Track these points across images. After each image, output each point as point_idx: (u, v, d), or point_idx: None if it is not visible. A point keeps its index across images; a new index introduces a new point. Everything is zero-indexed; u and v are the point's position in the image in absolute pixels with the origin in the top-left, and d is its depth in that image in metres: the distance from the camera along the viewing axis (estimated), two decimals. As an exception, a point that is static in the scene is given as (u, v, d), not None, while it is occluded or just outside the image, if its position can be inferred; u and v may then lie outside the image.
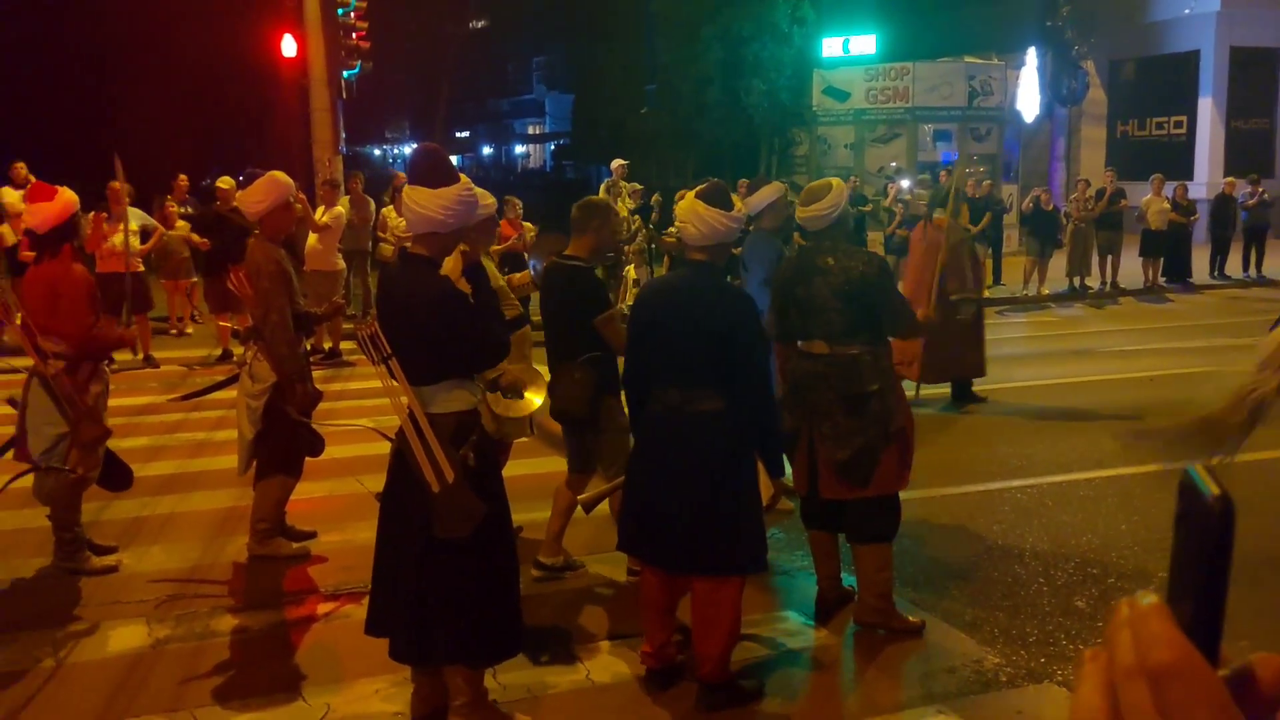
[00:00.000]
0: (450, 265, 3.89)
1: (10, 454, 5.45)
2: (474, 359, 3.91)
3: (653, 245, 13.09)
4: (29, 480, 5.58)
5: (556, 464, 5.35)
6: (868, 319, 4.73)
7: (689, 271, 4.29)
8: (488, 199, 5.06)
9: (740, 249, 6.73)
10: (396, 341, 3.73)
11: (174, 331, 13.31)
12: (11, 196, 12.07)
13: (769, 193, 6.25)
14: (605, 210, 5.32)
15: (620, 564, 5.62)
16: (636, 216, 13.47)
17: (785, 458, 4.72)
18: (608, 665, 4.53)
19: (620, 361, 4.63)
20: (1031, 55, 24.20)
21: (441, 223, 3.79)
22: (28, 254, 11.12)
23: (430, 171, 3.84)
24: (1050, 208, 16.78)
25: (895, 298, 4.93)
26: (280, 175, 5.67)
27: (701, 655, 4.19)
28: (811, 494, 4.86)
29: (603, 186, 15.51)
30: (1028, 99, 24.16)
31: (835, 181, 5.09)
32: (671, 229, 13.50)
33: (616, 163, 15.30)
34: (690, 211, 4.17)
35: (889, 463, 4.74)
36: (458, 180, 3.83)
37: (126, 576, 5.50)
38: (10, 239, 11.66)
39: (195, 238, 12.12)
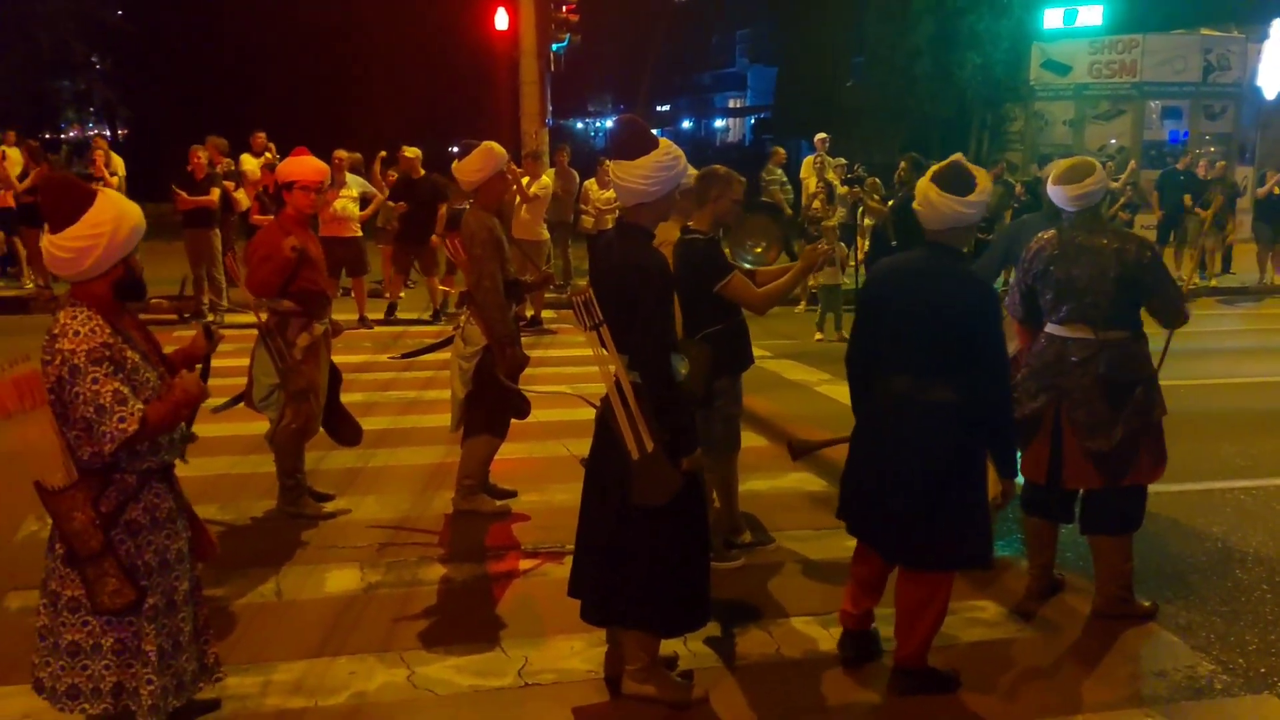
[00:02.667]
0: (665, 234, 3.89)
1: (243, 403, 5.86)
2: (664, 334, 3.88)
3: (862, 217, 12.79)
4: (261, 428, 6.00)
5: (752, 438, 5.35)
6: (1135, 304, 4.56)
7: (925, 253, 4.07)
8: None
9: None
10: (606, 309, 3.78)
11: (388, 294, 13.96)
12: (250, 164, 12.93)
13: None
14: (725, 181, 5.15)
15: (809, 541, 5.58)
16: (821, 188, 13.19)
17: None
18: (799, 641, 4.51)
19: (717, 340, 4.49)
20: (1277, 27, 22.32)
21: (645, 192, 3.81)
22: (259, 217, 11.98)
23: (627, 143, 3.84)
24: (1287, 193, 15.51)
25: (1170, 285, 4.66)
26: (495, 146, 5.84)
27: (903, 640, 4.10)
28: (1052, 483, 4.68)
29: (807, 161, 15.32)
30: (1269, 74, 22.31)
31: (1091, 161, 4.82)
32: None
33: (820, 137, 15.07)
34: (923, 194, 4.00)
35: (1146, 454, 4.59)
36: (656, 147, 3.83)
37: (342, 523, 5.83)
38: (244, 204, 12.50)
39: (392, 203, 12.73)
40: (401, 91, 27.00)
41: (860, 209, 12.14)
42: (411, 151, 12.41)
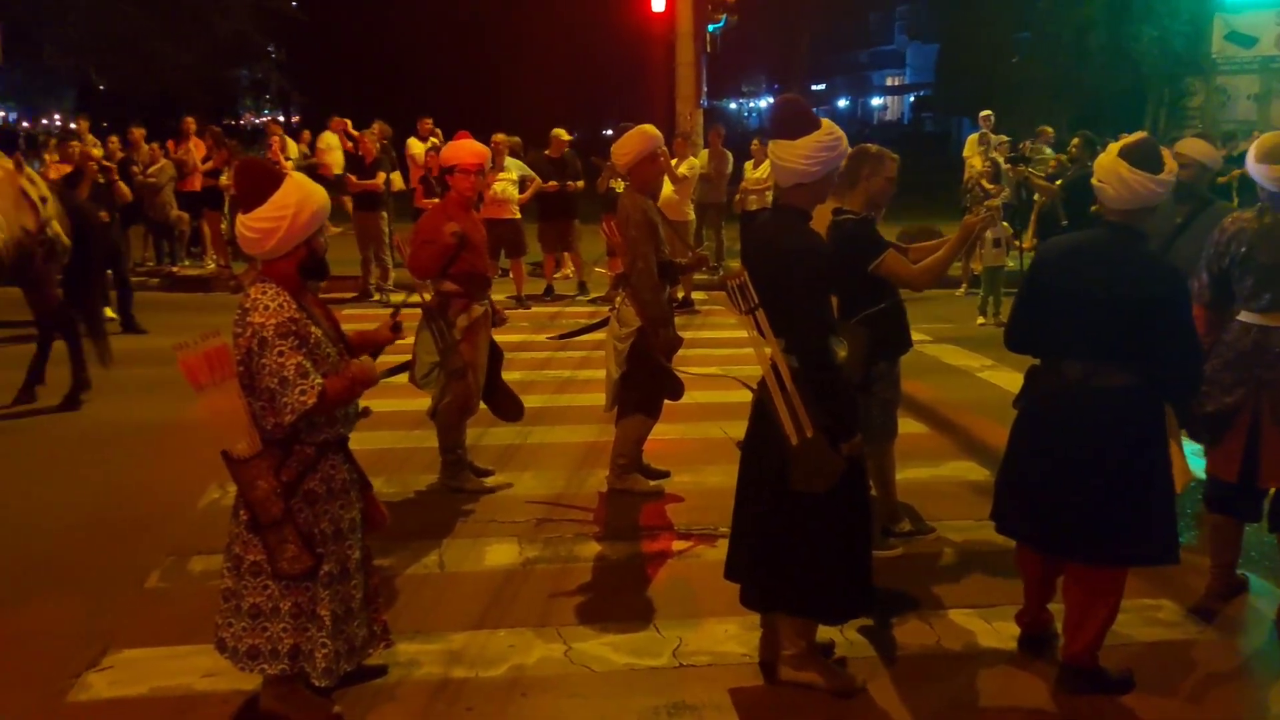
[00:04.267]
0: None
1: (405, 376, 6.05)
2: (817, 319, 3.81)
3: (1029, 196, 12.33)
4: (424, 405, 6.18)
5: (912, 425, 5.22)
6: None
7: (1105, 234, 3.88)
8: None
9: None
10: (762, 292, 3.74)
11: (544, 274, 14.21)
12: (417, 148, 13.33)
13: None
14: (877, 159, 4.97)
15: (970, 531, 5.42)
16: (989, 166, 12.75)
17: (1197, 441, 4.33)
18: (959, 633, 4.39)
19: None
20: None
21: (804, 172, 3.75)
22: (425, 201, 12.34)
23: (788, 123, 3.79)
24: None
25: None
26: (649, 129, 5.86)
27: (1071, 637, 3.95)
28: (1245, 480, 4.42)
29: (970, 139, 14.85)
30: None
31: None
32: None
33: (984, 114, 14.58)
34: (1111, 171, 3.80)
35: None
36: (817, 127, 3.76)
37: (501, 498, 5.96)
38: (397, 185, 12.98)
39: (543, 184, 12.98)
40: (558, 75, 27.38)
41: (1027, 188, 11.71)
42: (559, 133, 12.81)
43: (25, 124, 36.95)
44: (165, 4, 21.92)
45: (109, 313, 10.78)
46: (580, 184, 12.60)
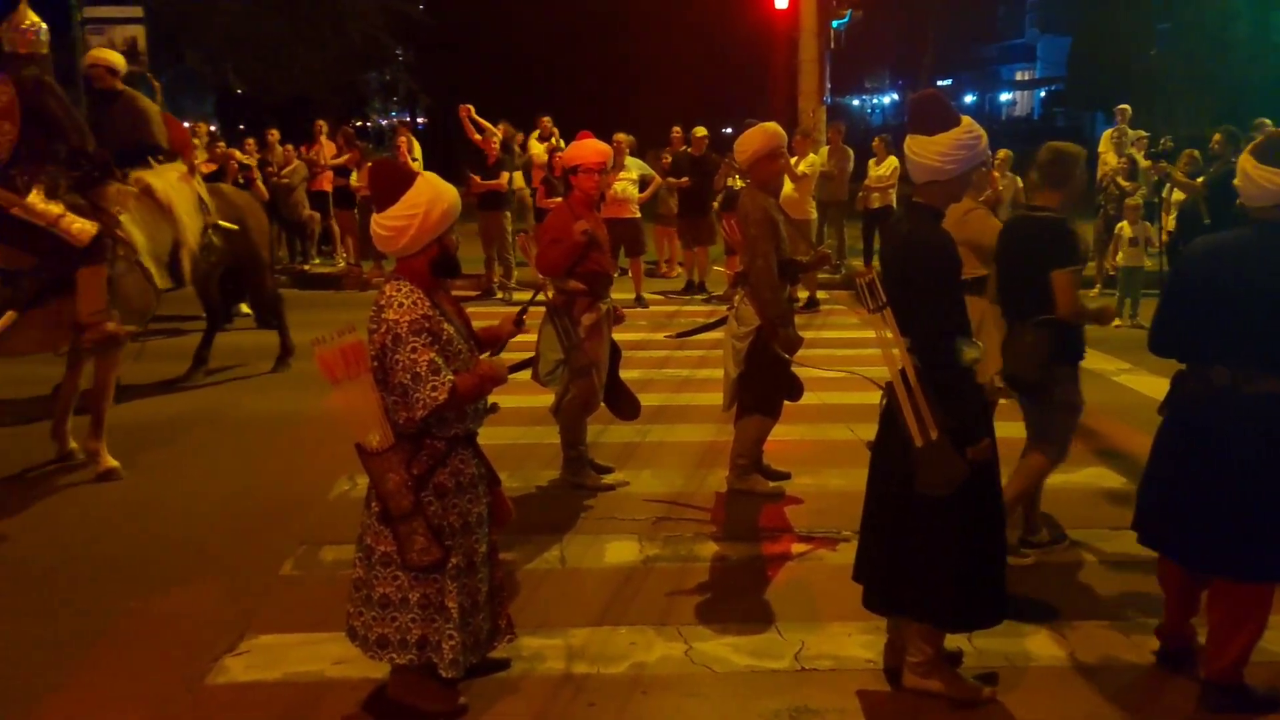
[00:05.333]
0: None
1: (529, 372, 6.11)
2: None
3: (1169, 194, 11.83)
4: (546, 401, 6.25)
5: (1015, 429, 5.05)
6: None
7: (1251, 233, 3.70)
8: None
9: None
10: (889, 290, 3.67)
11: (661, 272, 14.24)
12: (537, 148, 13.50)
13: None
14: (1081, 160, 4.85)
15: (1106, 540, 5.23)
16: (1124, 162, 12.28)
17: None
18: (1095, 645, 4.23)
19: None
20: None
21: (940, 170, 3.67)
22: (546, 201, 12.49)
23: (927, 118, 3.72)
24: None
25: None
26: (772, 126, 5.80)
27: (1215, 653, 3.77)
28: None
29: (1105, 135, 14.33)
30: None
31: None
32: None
33: (1121, 108, 14.06)
34: (1240, 168, 3.67)
35: None
36: (958, 124, 3.68)
37: (621, 495, 5.99)
38: (519, 184, 13.17)
39: (673, 180, 13.01)
40: (678, 74, 27.40)
41: (1166, 186, 11.24)
42: (700, 131, 12.93)
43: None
44: (303, 10, 22.69)
45: (244, 308, 11.22)
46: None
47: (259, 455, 6.79)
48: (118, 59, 7.65)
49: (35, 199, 5.94)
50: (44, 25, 6.31)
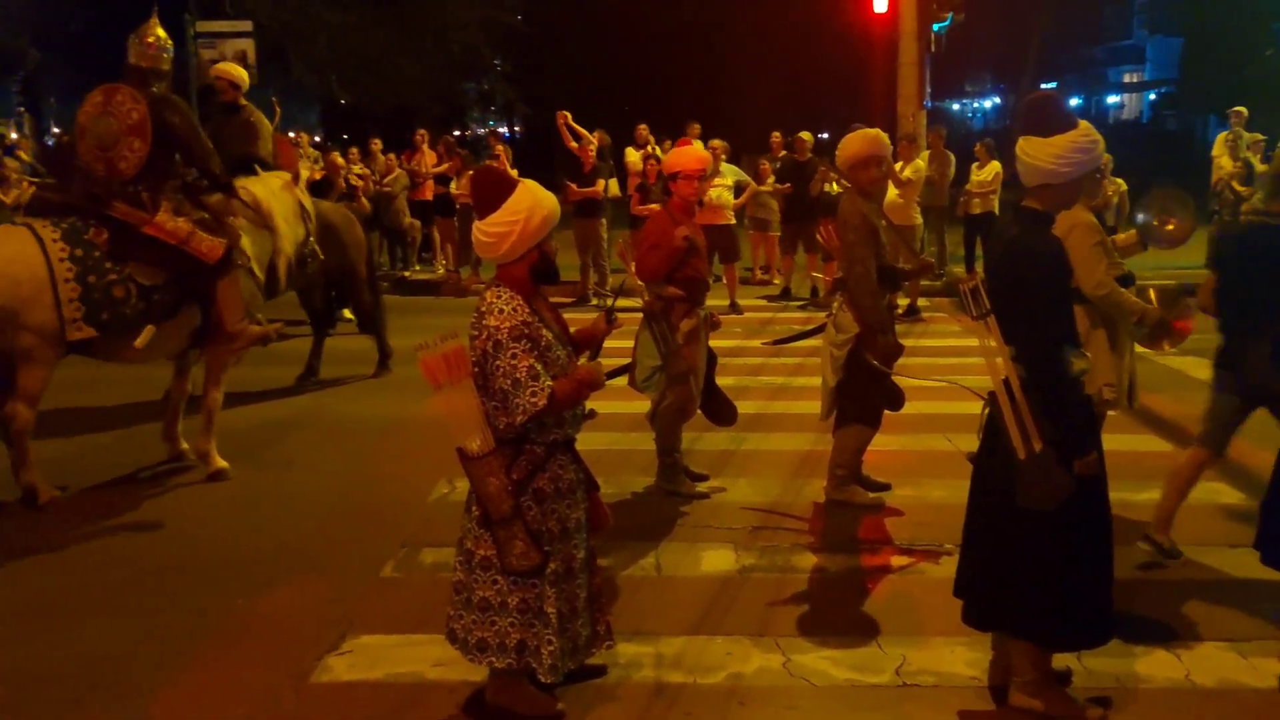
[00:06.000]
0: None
1: (625, 378, 6.11)
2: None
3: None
4: (641, 407, 6.25)
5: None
6: None
7: None
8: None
9: None
10: (995, 298, 3.57)
11: (755, 279, 14.14)
12: (632, 156, 13.53)
13: None
14: None
15: (1222, 557, 5.01)
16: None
17: None
18: (1212, 668, 4.06)
19: None
20: None
21: (1053, 173, 3.57)
22: (641, 208, 12.52)
23: (1042, 119, 3.62)
24: None
25: None
26: (874, 132, 5.72)
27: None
28: None
29: (1220, 138, 13.83)
30: None
31: None
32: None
33: (1236, 110, 13.55)
34: None
35: None
36: (1074, 127, 3.57)
37: (716, 503, 5.95)
38: (614, 191, 13.22)
39: (778, 185, 12.94)
40: (774, 79, 27.28)
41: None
42: (806, 136, 12.87)
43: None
44: (406, 22, 23.18)
45: (346, 314, 11.47)
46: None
47: (360, 458, 6.92)
48: (242, 74, 7.85)
49: (164, 217, 6.09)
50: (170, 42, 6.41)
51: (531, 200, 3.50)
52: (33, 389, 5.93)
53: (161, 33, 6.36)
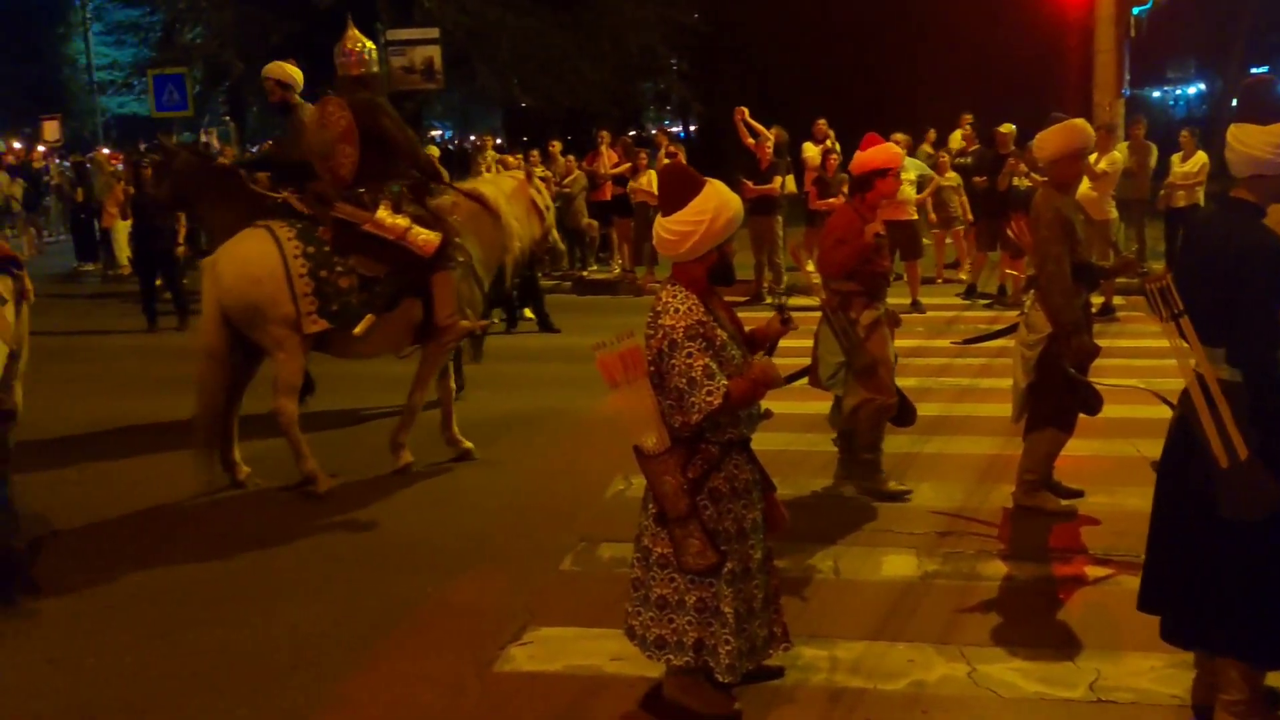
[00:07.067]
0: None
1: (806, 379, 6.03)
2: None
3: None
4: (816, 407, 6.16)
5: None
6: None
7: None
8: None
9: None
10: (1193, 296, 3.36)
11: (940, 280, 13.75)
12: (811, 151, 13.38)
13: None
14: None
15: None
16: None
17: None
18: None
19: None
20: None
21: (1268, 163, 3.35)
22: (819, 203, 12.37)
23: (1260, 105, 3.42)
24: None
25: None
26: (1079, 124, 5.48)
27: None
28: None
29: None
30: None
31: None
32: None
33: None
34: None
35: None
36: None
37: (897, 508, 5.80)
38: (790, 188, 13.07)
39: (976, 179, 12.46)
40: (958, 69, 26.44)
41: None
42: (1006, 128, 12.29)
43: (456, 140, 41.52)
44: (585, 25, 23.60)
45: (526, 313, 11.76)
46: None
47: (540, 452, 7.08)
48: (294, 73, 7.92)
49: (384, 214, 6.38)
50: (372, 45, 6.67)
51: (719, 200, 3.49)
52: (290, 379, 6.35)
53: (362, 39, 6.63)
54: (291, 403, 6.34)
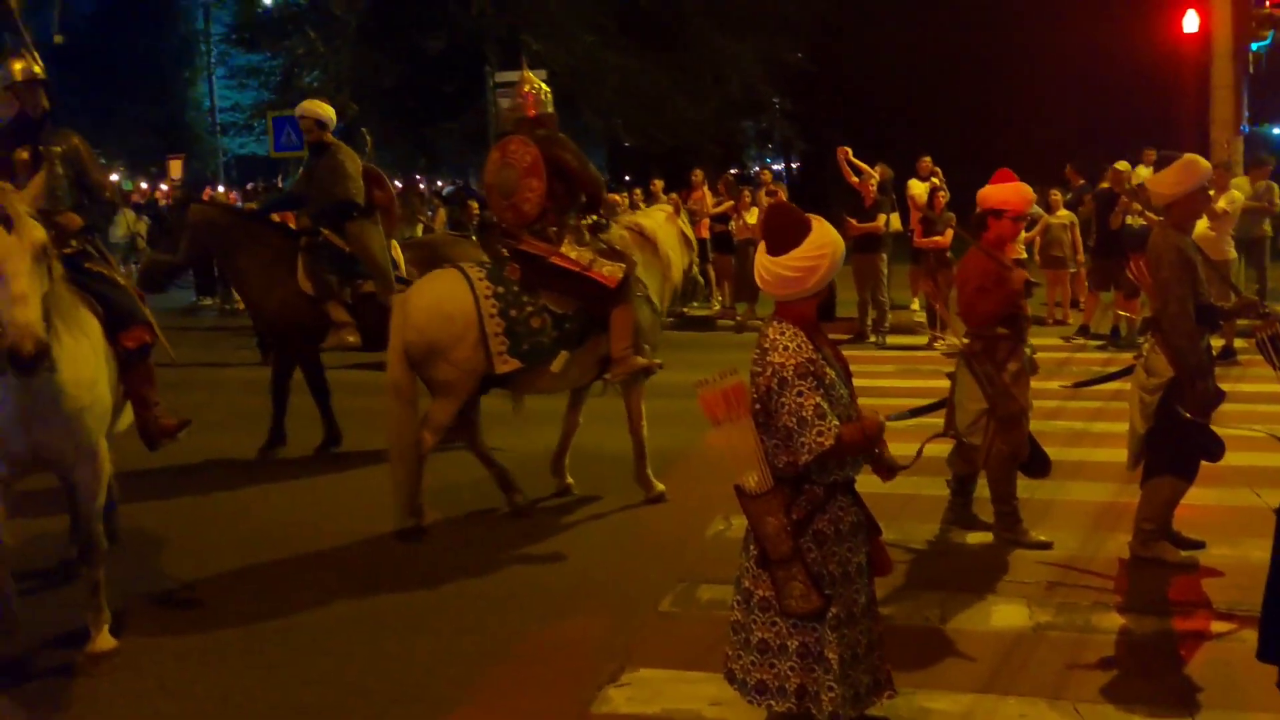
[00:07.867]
0: None
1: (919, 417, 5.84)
2: None
3: None
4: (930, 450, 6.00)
5: None
6: None
7: None
8: None
9: None
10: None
11: (1050, 321, 13.39)
12: (917, 188, 13.23)
13: None
14: None
15: None
16: None
17: None
18: None
19: None
20: None
21: None
22: (923, 240, 12.19)
23: None
24: None
25: None
26: (1198, 160, 5.33)
27: None
28: None
29: None
30: None
31: None
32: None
33: None
34: None
35: None
36: None
37: (1007, 556, 5.62)
38: (895, 226, 12.98)
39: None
40: (1067, 105, 25.97)
41: None
42: (1122, 165, 12.09)
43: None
44: (689, 66, 23.80)
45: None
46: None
47: (640, 490, 7.04)
48: (327, 111, 8.00)
49: (568, 248, 6.49)
50: (546, 88, 6.87)
51: (833, 237, 3.47)
52: (442, 420, 6.41)
53: (536, 81, 6.85)
54: (434, 438, 6.37)
